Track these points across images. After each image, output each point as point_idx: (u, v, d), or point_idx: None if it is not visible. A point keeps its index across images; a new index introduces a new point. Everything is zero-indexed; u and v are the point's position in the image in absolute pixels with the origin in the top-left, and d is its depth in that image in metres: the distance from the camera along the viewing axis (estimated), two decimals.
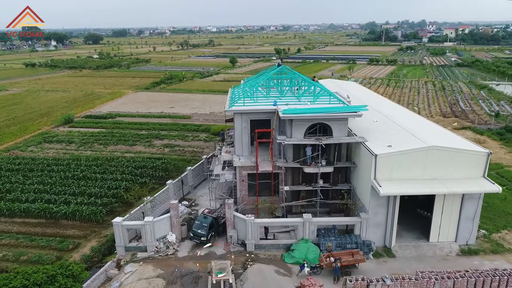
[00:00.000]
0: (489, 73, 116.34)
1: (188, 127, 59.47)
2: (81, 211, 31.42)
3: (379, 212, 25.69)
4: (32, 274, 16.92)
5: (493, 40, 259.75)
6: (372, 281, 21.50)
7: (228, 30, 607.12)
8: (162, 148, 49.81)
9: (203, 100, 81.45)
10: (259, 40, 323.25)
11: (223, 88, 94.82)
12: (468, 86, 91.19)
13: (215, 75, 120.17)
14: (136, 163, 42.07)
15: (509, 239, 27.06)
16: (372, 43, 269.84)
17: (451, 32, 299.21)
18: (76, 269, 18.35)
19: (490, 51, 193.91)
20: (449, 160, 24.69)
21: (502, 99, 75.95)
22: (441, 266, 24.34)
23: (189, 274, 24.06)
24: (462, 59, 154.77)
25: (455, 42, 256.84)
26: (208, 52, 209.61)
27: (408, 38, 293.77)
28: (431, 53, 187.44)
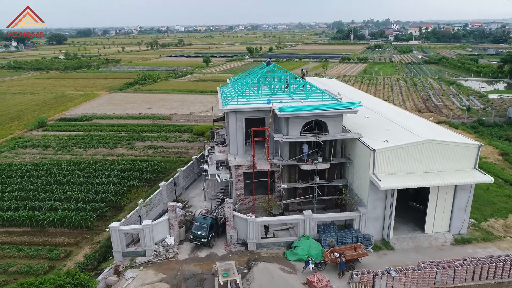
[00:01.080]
0: (455, 70, 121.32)
1: (169, 127, 58.41)
2: (70, 218, 30.14)
3: (377, 206, 26.19)
4: (38, 285, 16.02)
5: (454, 38, 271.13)
6: (378, 274, 21.96)
7: (196, 29, 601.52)
8: (145, 150, 48.66)
9: (181, 101, 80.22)
10: (229, 40, 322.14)
11: (200, 88, 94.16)
12: (438, 82, 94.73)
13: (190, 75, 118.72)
14: (121, 166, 40.88)
15: (498, 227, 28.30)
16: (341, 42, 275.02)
17: (415, 31, 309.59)
18: (83, 277, 17.55)
19: (453, 49, 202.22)
20: (443, 153, 25.51)
21: (471, 94, 79.43)
22: (438, 255, 25.12)
23: (193, 276, 23.62)
24: (428, 56, 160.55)
25: (420, 40, 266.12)
26: (180, 52, 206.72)
27: (375, 37, 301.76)
28: (398, 51, 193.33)
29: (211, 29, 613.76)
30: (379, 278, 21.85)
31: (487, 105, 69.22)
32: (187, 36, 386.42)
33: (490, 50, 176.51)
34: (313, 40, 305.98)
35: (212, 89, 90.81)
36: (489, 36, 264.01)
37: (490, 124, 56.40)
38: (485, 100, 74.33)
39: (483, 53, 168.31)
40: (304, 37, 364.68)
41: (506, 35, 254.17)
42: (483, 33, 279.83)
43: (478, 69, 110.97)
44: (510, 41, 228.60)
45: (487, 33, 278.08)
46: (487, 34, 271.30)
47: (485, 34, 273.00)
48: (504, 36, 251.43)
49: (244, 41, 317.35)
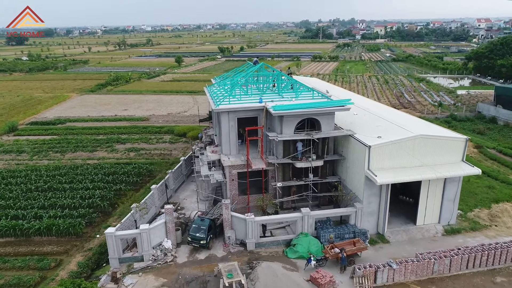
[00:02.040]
0: (422, 67, 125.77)
1: (149, 129, 57.21)
2: (58, 225, 28.93)
3: (372, 201, 26.76)
4: None
5: (418, 37, 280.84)
6: (380, 267, 22.44)
7: (164, 29, 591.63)
8: (127, 153, 47.42)
9: (157, 101, 78.74)
10: (199, 39, 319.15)
11: (175, 88, 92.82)
12: (408, 79, 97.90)
13: (163, 75, 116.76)
14: (105, 170, 39.67)
15: (483, 217, 29.61)
16: (311, 41, 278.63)
17: (380, 30, 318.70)
18: (90, 286, 16.85)
19: (417, 47, 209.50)
20: (434, 147, 26.41)
21: (440, 90, 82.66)
22: (431, 246, 25.98)
23: (195, 279, 23.25)
24: (396, 54, 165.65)
25: (386, 39, 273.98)
26: (149, 52, 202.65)
27: (343, 36, 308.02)
28: (366, 49, 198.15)
29: (179, 29, 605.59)
30: (380, 271, 22.35)
31: (456, 101, 72.26)
32: (155, 36, 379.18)
33: (452, 48, 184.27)
34: (283, 39, 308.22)
35: (188, 89, 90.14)
36: (450, 34, 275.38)
37: (462, 119, 58.92)
38: (454, 95, 77.59)
39: (446, 50, 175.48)
40: (274, 36, 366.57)
41: (465, 33, 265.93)
42: (444, 31, 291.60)
43: (444, 66, 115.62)
44: (469, 39, 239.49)
45: (448, 31, 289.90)
46: (448, 33, 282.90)
47: (446, 33, 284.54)
48: (464, 34, 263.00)
49: (213, 40, 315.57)
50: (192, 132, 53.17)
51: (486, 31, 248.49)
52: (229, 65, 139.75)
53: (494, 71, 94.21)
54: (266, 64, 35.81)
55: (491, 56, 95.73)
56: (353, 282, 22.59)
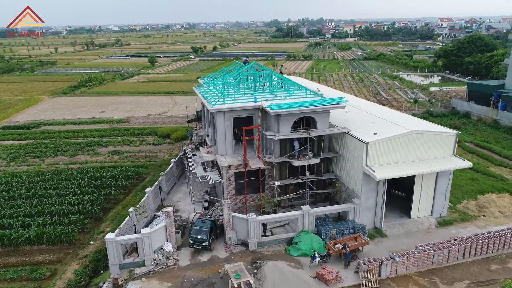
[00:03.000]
0: (393, 65, 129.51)
1: (130, 131, 55.85)
2: (49, 233, 27.77)
3: (370, 197, 27.33)
4: None
5: (386, 36, 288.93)
6: (383, 261, 22.96)
7: (132, 29, 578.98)
8: (110, 156, 46.16)
9: (134, 103, 77.07)
10: (170, 39, 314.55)
11: (152, 89, 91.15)
12: (382, 77, 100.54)
13: (137, 76, 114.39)
14: (91, 174, 38.46)
15: (472, 208, 30.85)
16: (282, 40, 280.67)
17: (350, 29, 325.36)
18: None
19: (386, 45, 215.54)
20: (427, 142, 27.28)
21: (414, 87, 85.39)
22: (427, 238, 26.85)
23: (200, 282, 22.95)
24: (367, 53, 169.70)
25: (356, 38, 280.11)
26: (120, 52, 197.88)
27: (313, 35, 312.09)
28: (338, 48, 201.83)
29: (147, 29, 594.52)
30: (384, 264, 22.87)
31: (430, 97, 74.88)
32: (123, 36, 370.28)
33: (420, 46, 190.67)
34: (255, 39, 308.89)
35: (166, 90, 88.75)
36: (416, 33, 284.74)
37: (438, 115, 61.13)
38: (427, 92, 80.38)
39: (414, 49, 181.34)
40: (245, 35, 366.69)
41: (430, 32, 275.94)
42: (410, 30, 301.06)
43: (415, 64, 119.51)
44: (434, 38, 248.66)
45: (414, 30, 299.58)
46: (414, 32, 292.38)
47: (412, 32, 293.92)
48: (429, 33, 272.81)
49: (184, 40, 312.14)
50: (176, 133, 52.43)
51: (449, 30, 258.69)
52: (204, 65, 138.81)
53: (462, 68, 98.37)
54: (258, 64, 35.71)
55: (459, 54, 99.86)
56: (357, 277, 22.99)
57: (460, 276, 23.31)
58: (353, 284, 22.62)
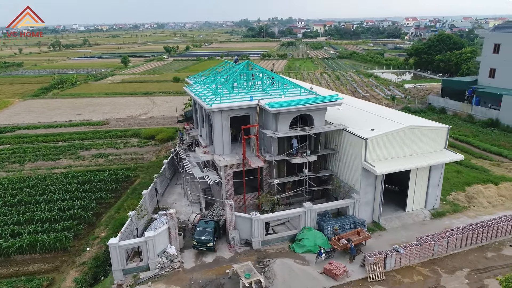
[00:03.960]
0: (366, 63, 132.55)
1: (112, 133, 54.40)
2: (42, 241, 26.62)
3: (368, 191, 27.88)
4: None
5: (355, 35, 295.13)
6: (388, 253, 23.51)
7: (98, 29, 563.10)
8: (95, 159, 44.77)
9: (112, 104, 75.10)
10: (140, 39, 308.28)
11: (128, 90, 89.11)
12: (358, 75, 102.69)
13: (110, 77, 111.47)
14: (78, 178, 37.21)
15: (461, 199, 32.07)
16: (254, 39, 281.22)
17: (320, 28, 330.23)
18: None
19: (357, 44, 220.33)
20: (421, 136, 28.12)
21: (389, 85, 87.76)
22: (424, 230, 27.69)
23: (209, 283, 22.68)
24: (339, 51, 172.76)
25: (326, 37, 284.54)
26: (89, 52, 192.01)
27: (285, 34, 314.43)
28: (311, 47, 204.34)
29: (114, 28, 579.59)
30: (389, 257, 23.41)
31: (406, 94, 77.17)
32: (90, 36, 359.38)
33: (389, 45, 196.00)
34: (226, 38, 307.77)
35: (143, 91, 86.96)
36: (384, 32, 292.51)
37: (416, 110, 63.04)
38: (403, 89, 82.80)
39: (384, 47, 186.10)
40: (216, 35, 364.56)
41: (398, 31, 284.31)
42: (378, 29, 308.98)
43: (387, 62, 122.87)
44: (402, 37, 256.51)
45: (382, 30, 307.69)
46: (382, 31, 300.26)
47: (380, 31, 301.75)
48: (396, 32, 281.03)
49: (155, 40, 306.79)
50: (161, 135, 51.59)
51: (416, 29, 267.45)
52: (178, 65, 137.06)
53: (433, 65, 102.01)
54: (251, 62, 35.62)
55: (430, 52, 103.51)
56: (363, 270, 23.44)
57: (459, 264, 24.20)
58: (360, 277, 23.03)
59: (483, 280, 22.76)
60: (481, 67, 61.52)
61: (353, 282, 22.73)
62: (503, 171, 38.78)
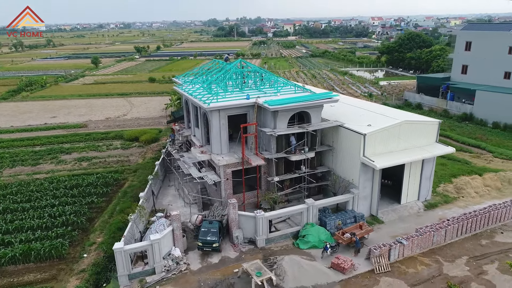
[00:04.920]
0: (339, 61, 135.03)
1: (93, 136, 52.71)
2: (37, 249, 25.43)
3: (366, 186, 28.47)
4: None
5: (324, 34, 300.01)
6: (392, 245, 24.11)
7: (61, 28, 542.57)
8: (78, 163, 43.23)
9: (87, 106, 72.70)
10: (107, 39, 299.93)
11: (103, 91, 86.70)
12: (333, 73, 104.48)
13: (82, 78, 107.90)
14: (65, 183, 35.91)
15: (450, 190, 33.34)
16: (225, 39, 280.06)
17: (290, 28, 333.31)
18: None
19: (327, 43, 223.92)
20: (415, 131, 29.01)
21: (365, 82, 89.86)
22: (420, 221, 28.60)
23: (218, 284, 22.43)
24: (311, 50, 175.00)
25: (297, 36, 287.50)
26: (55, 53, 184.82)
27: (255, 34, 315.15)
28: (283, 46, 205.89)
29: (78, 28, 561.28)
30: (393, 248, 24.02)
31: (382, 91, 79.31)
32: (53, 36, 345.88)
33: (359, 43, 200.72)
34: (197, 38, 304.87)
35: (118, 92, 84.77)
36: (352, 31, 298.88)
37: (393, 106, 64.66)
38: (378, 86, 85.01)
39: (354, 46, 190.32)
40: (185, 35, 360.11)
41: (365, 30, 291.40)
42: (346, 29, 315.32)
43: (359, 60, 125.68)
44: (369, 36, 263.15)
45: (350, 29, 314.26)
46: (350, 30, 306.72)
47: (348, 30, 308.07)
48: (364, 31, 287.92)
49: (123, 40, 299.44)
50: (145, 136, 50.52)
51: (382, 28, 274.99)
52: (151, 65, 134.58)
53: (405, 63, 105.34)
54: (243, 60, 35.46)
55: (401, 50, 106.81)
56: (368, 263, 23.93)
57: (458, 253, 25.16)
58: (367, 270, 23.48)
59: (482, 267, 23.76)
60: (453, 64, 64.12)
61: (361, 275, 23.14)
62: (483, 162, 40.63)
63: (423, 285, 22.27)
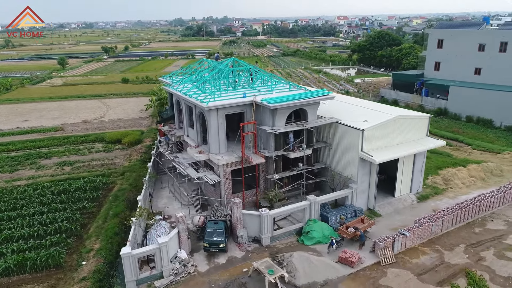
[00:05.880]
0: (311, 60, 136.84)
1: (72, 139, 50.67)
2: (32, 259, 24.20)
3: (364, 180, 29.07)
4: None
5: (292, 33, 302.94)
6: (395, 237, 24.77)
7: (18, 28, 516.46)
8: (60, 168, 41.46)
9: (60, 109, 69.87)
10: (71, 39, 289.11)
11: (74, 93, 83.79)
12: (308, 72, 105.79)
13: (49, 80, 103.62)
14: (51, 189, 34.41)
15: (439, 182, 34.61)
16: (194, 39, 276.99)
17: (258, 27, 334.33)
18: None
19: (297, 42, 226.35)
20: (408, 125, 29.92)
21: (340, 80, 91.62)
22: (415, 213, 29.54)
23: (230, 284, 22.22)
24: (282, 49, 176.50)
25: (266, 35, 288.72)
26: (16, 54, 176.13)
27: (224, 33, 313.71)
28: (253, 45, 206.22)
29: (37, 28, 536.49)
30: (397, 240, 24.68)
31: (357, 88, 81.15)
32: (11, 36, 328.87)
33: (328, 42, 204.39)
34: (165, 38, 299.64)
35: (91, 93, 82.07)
36: (319, 30, 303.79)
37: None
38: (353, 84, 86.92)
39: (323, 45, 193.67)
40: (152, 34, 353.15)
41: (333, 29, 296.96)
42: (314, 28, 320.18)
43: (331, 58, 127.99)
44: (337, 35, 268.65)
45: (317, 28, 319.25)
46: (318, 29, 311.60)
47: (316, 29, 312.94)
48: (331, 30, 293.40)
49: (87, 40, 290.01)
50: (127, 138, 49.16)
51: (349, 27, 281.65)
52: (122, 66, 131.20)
53: (376, 61, 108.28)
54: (236, 59, 35.21)
55: (372, 48, 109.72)
56: (373, 255, 24.46)
57: (455, 241, 26.18)
58: (373, 262, 23.98)
59: (479, 254, 24.85)
60: (426, 61, 66.60)
61: (368, 267, 23.61)
62: (464, 154, 42.52)
63: (428, 274, 23.01)
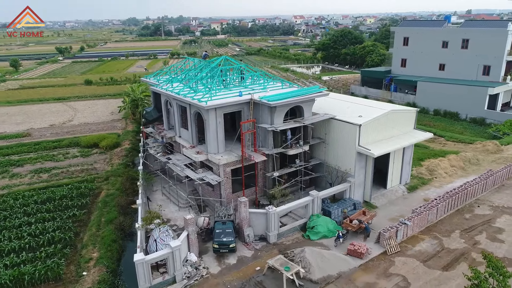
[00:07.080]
0: (275, 59, 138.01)
1: (43, 145, 47.80)
2: (30, 273, 22.65)
3: (360, 174, 29.87)
4: None
5: (251, 32, 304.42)
6: (398, 227, 25.73)
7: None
8: (36, 175, 39.07)
9: (22, 113, 65.74)
10: (18, 40, 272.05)
11: (34, 96, 79.41)
12: (275, 70, 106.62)
13: (3, 83, 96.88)
14: (33, 198, 32.32)
15: (424, 172, 36.26)
16: (152, 38, 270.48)
17: (217, 26, 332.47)
18: None
19: (257, 41, 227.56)
20: (398, 119, 31.11)
21: (308, 78, 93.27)
22: (409, 203, 30.83)
23: (246, 283, 22.04)
24: (245, 49, 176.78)
25: (225, 35, 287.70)
26: None
27: (183, 33, 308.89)
28: (215, 45, 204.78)
29: None
30: (400, 230, 25.62)
31: (326, 85, 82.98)
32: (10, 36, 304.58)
33: (289, 41, 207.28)
34: (121, 38, 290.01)
35: (53, 97, 78.10)
36: (278, 29, 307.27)
37: None
38: (322, 81, 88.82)
39: (285, 44, 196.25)
40: (107, 34, 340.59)
41: (291, 28, 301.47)
42: (273, 27, 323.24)
43: (296, 57, 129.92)
44: (296, 34, 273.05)
45: (276, 27, 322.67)
46: (277, 28, 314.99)
47: (275, 28, 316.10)
48: (290, 29, 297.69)
49: (37, 40, 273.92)
50: (105, 141, 47.19)
51: (307, 26, 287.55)
52: (81, 67, 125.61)
53: (340, 58, 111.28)
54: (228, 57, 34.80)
55: (336, 46, 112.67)
56: (378, 246, 25.24)
57: (450, 228, 27.59)
58: (379, 253, 24.74)
59: (474, 238, 26.36)
60: (393, 58, 69.50)
61: (376, 257, 24.33)
62: (439, 146, 44.84)
63: (432, 260, 24.08)
